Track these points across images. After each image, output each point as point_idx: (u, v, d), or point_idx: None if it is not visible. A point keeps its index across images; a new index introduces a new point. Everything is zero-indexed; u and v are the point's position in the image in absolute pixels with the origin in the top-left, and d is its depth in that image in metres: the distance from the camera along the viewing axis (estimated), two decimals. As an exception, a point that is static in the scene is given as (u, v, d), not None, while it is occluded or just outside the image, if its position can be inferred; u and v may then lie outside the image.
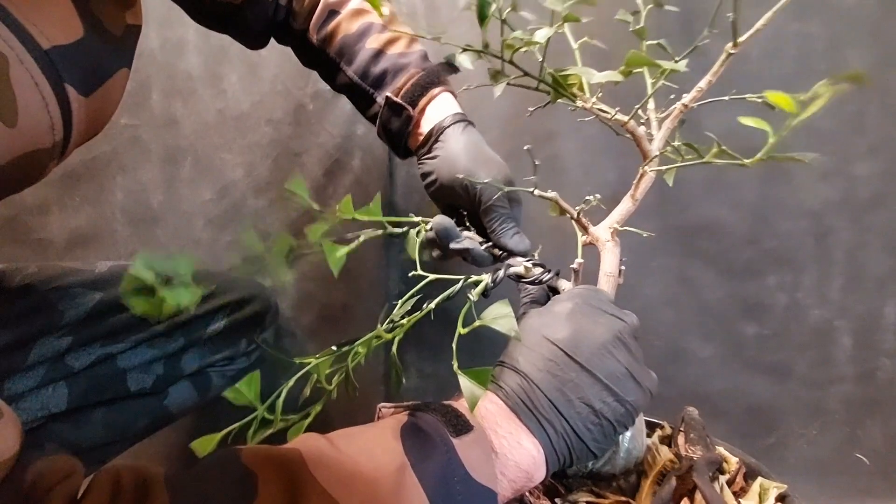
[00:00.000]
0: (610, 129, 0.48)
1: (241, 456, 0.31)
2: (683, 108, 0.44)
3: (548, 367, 0.38)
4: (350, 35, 0.61)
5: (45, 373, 0.53)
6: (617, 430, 0.38)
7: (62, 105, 0.39)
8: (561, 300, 0.43)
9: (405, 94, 0.60)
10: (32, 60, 0.37)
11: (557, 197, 0.46)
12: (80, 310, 0.56)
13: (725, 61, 0.40)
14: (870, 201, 0.79)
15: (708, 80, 0.42)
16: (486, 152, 0.59)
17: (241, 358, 0.69)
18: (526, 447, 0.37)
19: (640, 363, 0.40)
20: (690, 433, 0.47)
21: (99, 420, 0.58)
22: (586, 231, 0.48)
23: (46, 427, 0.54)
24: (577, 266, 0.47)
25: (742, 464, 0.46)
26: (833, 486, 0.82)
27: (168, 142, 0.86)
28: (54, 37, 0.38)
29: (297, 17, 0.63)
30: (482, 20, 0.38)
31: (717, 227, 0.82)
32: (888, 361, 0.81)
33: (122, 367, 0.59)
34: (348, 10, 0.62)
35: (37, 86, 0.37)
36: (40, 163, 0.41)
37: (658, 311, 0.84)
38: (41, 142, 0.39)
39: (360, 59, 0.61)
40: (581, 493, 0.45)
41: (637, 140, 0.45)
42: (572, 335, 0.39)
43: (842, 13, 0.76)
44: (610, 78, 0.35)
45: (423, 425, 0.36)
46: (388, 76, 0.61)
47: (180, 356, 0.63)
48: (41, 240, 0.86)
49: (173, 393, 0.63)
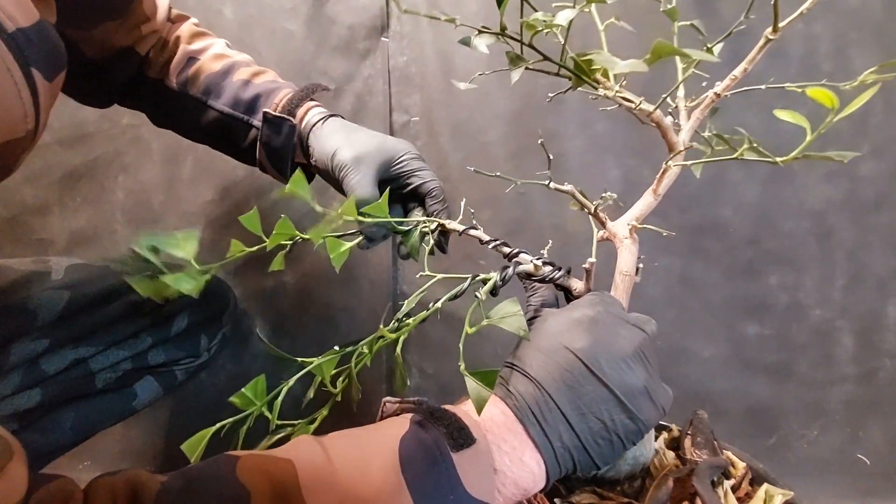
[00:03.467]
0: (615, 128, 0.46)
1: (237, 469, 0.31)
2: (716, 97, 0.41)
3: (563, 378, 0.37)
4: (215, 73, 0.60)
5: (20, 380, 0.53)
6: (625, 446, 0.37)
7: (32, 91, 0.38)
8: (580, 306, 0.42)
9: (282, 109, 0.58)
10: (2, 44, 0.35)
11: (574, 190, 0.44)
12: (53, 311, 0.56)
13: (764, 47, 0.37)
14: (872, 202, 0.79)
15: (744, 67, 0.39)
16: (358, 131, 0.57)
17: (203, 354, 0.71)
18: (527, 464, 0.36)
19: (656, 378, 0.38)
20: (697, 436, 0.46)
21: (68, 425, 0.59)
22: (604, 226, 0.46)
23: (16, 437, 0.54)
24: (588, 265, 0.45)
25: (748, 469, 0.46)
26: (834, 486, 0.81)
27: (169, 142, 0.86)
28: (16, 18, 0.37)
29: (152, 66, 0.61)
30: (500, 1, 0.36)
31: (719, 226, 0.82)
32: (889, 362, 0.81)
33: (93, 369, 0.60)
34: (209, 54, 0.61)
35: (8, 70, 0.35)
36: (13, 154, 0.39)
37: (660, 311, 0.84)
38: (16, 131, 0.37)
39: (229, 91, 0.60)
40: (583, 494, 0.45)
41: (663, 131, 0.42)
42: (592, 346, 0.38)
43: (846, 14, 0.76)
44: (635, 68, 0.33)
45: (424, 438, 0.34)
46: (261, 99, 0.59)
47: (146, 354, 0.64)
48: (42, 240, 0.86)
49: (140, 391, 0.65)
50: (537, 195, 0.83)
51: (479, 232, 0.50)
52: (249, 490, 0.30)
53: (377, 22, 0.85)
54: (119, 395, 0.63)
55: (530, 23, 0.37)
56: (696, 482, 0.40)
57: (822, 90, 0.28)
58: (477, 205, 0.85)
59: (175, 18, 0.64)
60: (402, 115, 0.86)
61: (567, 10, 0.36)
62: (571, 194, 0.44)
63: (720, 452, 0.46)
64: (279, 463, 0.32)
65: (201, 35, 0.64)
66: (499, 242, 0.49)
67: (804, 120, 0.30)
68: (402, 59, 0.85)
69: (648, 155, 0.81)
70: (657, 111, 0.41)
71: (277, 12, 0.84)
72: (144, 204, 0.87)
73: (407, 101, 0.86)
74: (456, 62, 0.84)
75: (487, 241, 0.49)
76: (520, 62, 0.39)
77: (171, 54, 0.61)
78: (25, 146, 0.40)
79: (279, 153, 0.59)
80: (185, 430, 0.35)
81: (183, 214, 0.87)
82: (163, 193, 0.87)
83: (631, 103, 0.42)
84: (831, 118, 0.28)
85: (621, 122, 0.83)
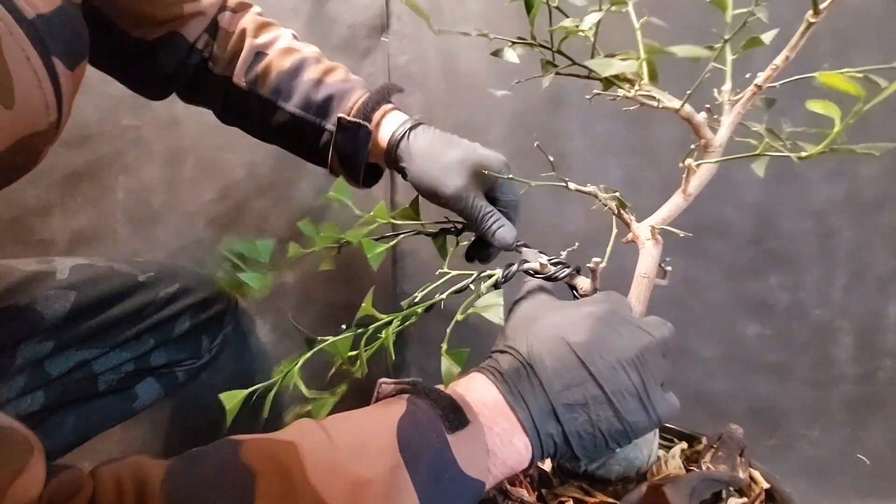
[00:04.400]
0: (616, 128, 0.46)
1: (241, 452, 0.31)
2: (756, 90, 0.38)
3: (555, 368, 0.38)
4: (284, 71, 0.57)
5: (24, 382, 0.53)
6: (609, 445, 0.38)
7: (53, 81, 0.37)
8: (587, 303, 0.42)
9: (357, 113, 0.56)
10: (21, 32, 0.34)
11: (597, 191, 0.43)
12: (59, 312, 0.55)
13: (806, 32, 0.35)
14: (873, 202, 0.79)
15: (785, 55, 0.37)
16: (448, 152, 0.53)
17: (204, 355, 0.71)
18: (516, 446, 0.37)
19: (654, 386, 0.38)
20: (720, 451, 0.45)
21: (69, 427, 0.59)
22: (629, 227, 0.44)
23: None
24: (593, 265, 0.44)
25: (770, 490, 0.43)
26: (834, 486, 0.81)
27: (170, 142, 0.86)
28: (36, 4, 0.35)
29: (217, 62, 0.59)
30: (529, 9, 0.36)
31: (720, 226, 0.82)
32: (890, 362, 0.81)
33: (96, 371, 0.60)
34: (277, 49, 0.58)
35: (28, 60, 0.34)
36: (36, 147, 0.38)
37: (661, 311, 0.84)
38: (38, 123, 0.36)
39: (300, 92, 0.57)
40: (570, 488, 0.44)
41: (695, 128, 0.40)
42: (590, 342, 0.38)
43: (847, 13, 0.76)
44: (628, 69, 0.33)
45: (421, 419, 0.35)
46: (334, 102, 0.57)
47: (149, 356, 0.64)
48: (43, 240, 0.86)
49: (141, 392, 0.65)
50: (539, 195, 0.83)
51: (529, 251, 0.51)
52: (254, 471, 0.30)
53: (378, 21, 0.85)
54: (120, 397, 0.63)
55: (565, 28, 0.37)
56: (669, 490, 0.39)
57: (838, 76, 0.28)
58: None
59: (237, 7, 0.60)
60: (403, 115, 0.86)
61: (593, 13, 0.36)
62: (594, 195, 0.43)
63: (739, 470, 0.44)
64: (282, 445, 0.32)
65: (267, 26, 0.61)
66: (521, 243, 0.52)
67: (835, 109, 0.29)
68: (403, 58, 0.85)
69: (650, 155, 0.81)
70: (686, 107, 0.39)
71: (277, 12, 0.84)
72: (145, 204, 0.87)
73: (408, 101, 0.86)
74: (457, 62, 0.84)
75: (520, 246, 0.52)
76: (550, 68, 0.39)
77: (237, 49, 0.58)
78: (49, 139, 0.39)
79: (353, 159, 0.57)
80: (185, 431, 0.35)
81: (183, 214, 0.87)
82: (163, 193, 0.87)
83: (654, 102, 0.40)
84: (860, 107, 0.28)
85: (623, 122, 0.83)
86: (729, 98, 0.41)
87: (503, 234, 0.51)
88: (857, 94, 0.27)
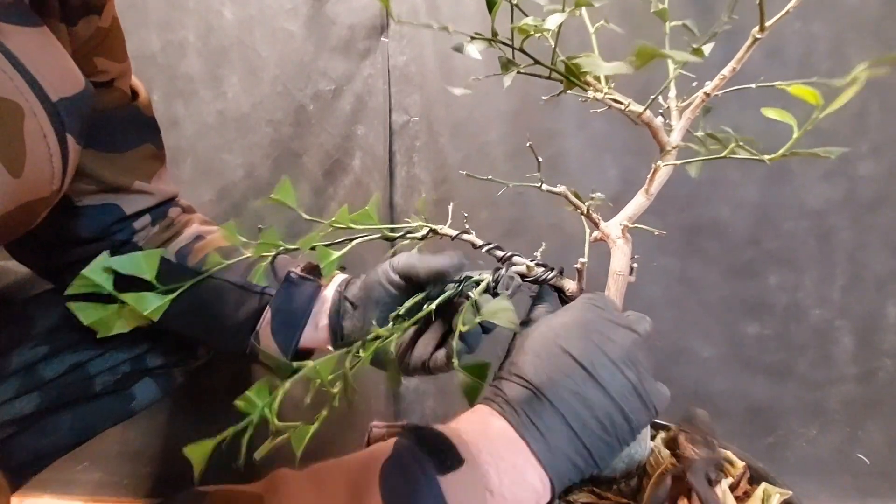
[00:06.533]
0: (613, 127, 0.47)
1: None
2: (705, 97, 0.42)
3: (565, 384, 0.36)
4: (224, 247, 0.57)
5: (19, 384, 0.54)
6: (620, 447, 0.37)
7: (63, 156, 0.40)
8: (572, 309, 0.41)
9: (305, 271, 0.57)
10: (44, 112, 0.37)
11: (567, 192, 0.45)
12: (52, 315, 0.56)
13: (751, 46, 0.38)
14: (871, 201, 0.79)
15: (732, 66, 0.40)
16: None
17: (201, 355, 0.71)
18: (530, 482, 0.34)
19: (647, 379, 0.38)
20: (693, 434, 0.47)
21: (66, 427, 0.59)
22: (597, 227, 0.46)
23: (14, 440, 0.54)
24: (579, 266, 0.45)
25: (747, 468, 0.45)
26: (833, 486, 0.82)
27: (169, 143, 0.85)
28: (62, 89, 0.39)
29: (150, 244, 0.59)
30: (491, 6, 0.36)
31: (718, 226, 0.82)
32: (889, 361, 0.81)
33: (91, 372, 0.60)
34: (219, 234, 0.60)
35: (45, 137, 0.38)
36: (35, 211, 0.41)
37: (659, 311, 0.84)
38: (41, 192, 0.39)
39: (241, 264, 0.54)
40: (581, 493, 0.44)
41: (653, 131, 0.43)
42: (589, 350, 0.38)
43: (844, 13, 0.76)
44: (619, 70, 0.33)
45: (408, 463, 0.33)
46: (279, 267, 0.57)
47: (144, 357, 0.64)
48: (42, 240, 0.86)
49: (138, 393, 0.65)
50: (535, 195, 0.83)
51: (471, 237, 0.49)
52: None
53: (377, 22, 0.85)
54: (117, 398, 0.63)
55: (522, 27, 0.37)
56: (692, 478, 0.40)
57: (803, 88, 0.29)
58: (475, 205, 0.85)
59: (187, 209, 0.65)
60: (402, 114, 0.86)
61: (556, 14, 0.36)
62: (564, 196, 0.45)
63: (716, 450, 0.46)
64: (248, 498, 0.31)
65: (213, 224, 0.64)
66: (492, 246, 0.49)
67: (790, 118, 0.31)
68: (402, 58, 0.85)
69: (646, 154, 0.81)
70: (647, 112, 0.41)
71: (277, 12, 0.84)
72: (144, 204, 0.87)
73: (406, 101, 0.86)
74: (455, 62, 0.84)
75: (480, 246, 0.49)
76: (512, 66, 0.39)
77: (177, 233, 0.61)
78: (49, 203, 0.42)
79: (292, 317, 0.55)
80: (183, 431, 0.35)
81: (182, 215, 0.87)
82: (162, 194, 0.87)
83: (621, 104, 0.42)
84: (816, 115, 0.29)
85: (619, 121, 0.82)
86: (677, 105, 0.44)
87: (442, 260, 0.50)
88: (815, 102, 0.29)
